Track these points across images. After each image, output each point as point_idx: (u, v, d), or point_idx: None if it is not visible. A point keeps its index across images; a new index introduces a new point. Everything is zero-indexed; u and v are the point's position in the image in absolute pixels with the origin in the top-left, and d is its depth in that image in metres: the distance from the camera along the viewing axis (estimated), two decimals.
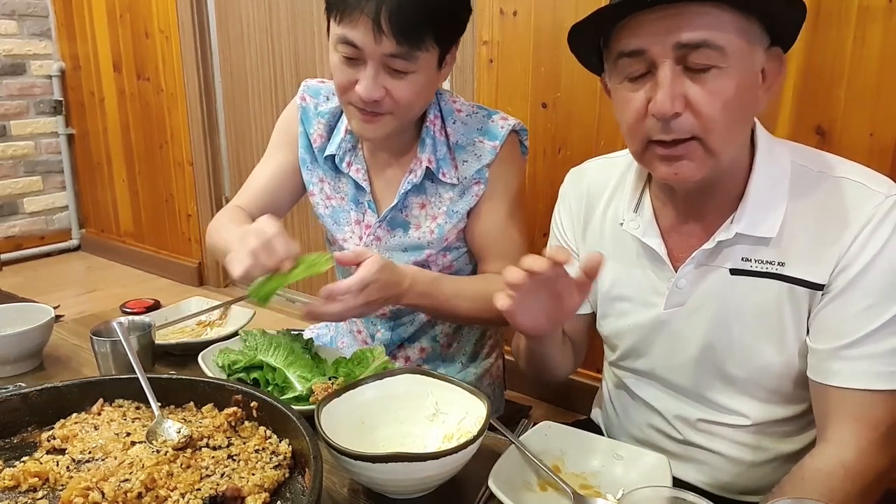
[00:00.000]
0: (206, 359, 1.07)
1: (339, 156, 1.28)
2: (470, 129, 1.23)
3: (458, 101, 1.28)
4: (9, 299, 2.89)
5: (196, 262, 3.47)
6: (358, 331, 1.40)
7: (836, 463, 0.81)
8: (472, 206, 1.24)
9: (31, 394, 0.89)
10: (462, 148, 1.23)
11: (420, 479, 0.77)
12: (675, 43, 0.78)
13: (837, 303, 0.83)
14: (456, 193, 1.24)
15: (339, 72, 1.11)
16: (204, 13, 3.12)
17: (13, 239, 3.78)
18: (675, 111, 0.79)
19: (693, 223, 0.92)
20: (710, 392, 0.95)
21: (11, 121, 3.70)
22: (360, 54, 1.06)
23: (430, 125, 1.23)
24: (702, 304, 0.92)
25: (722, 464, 0.97)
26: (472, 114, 1.25)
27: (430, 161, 1.21)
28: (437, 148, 1.22)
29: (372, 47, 1.04)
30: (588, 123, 2.03)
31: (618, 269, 1.00)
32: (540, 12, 2.04)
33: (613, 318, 1.03)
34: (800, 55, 1.62)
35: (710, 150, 0.81)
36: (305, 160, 1.33)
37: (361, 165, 1.28)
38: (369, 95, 1.07)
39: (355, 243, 1.31)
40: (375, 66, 1.06)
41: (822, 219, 0.84)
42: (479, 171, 1.22)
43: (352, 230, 1.31)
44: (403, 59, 1.06)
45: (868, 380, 0.81)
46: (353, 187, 1.30)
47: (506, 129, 1.22)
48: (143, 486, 0.73)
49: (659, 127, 0.81)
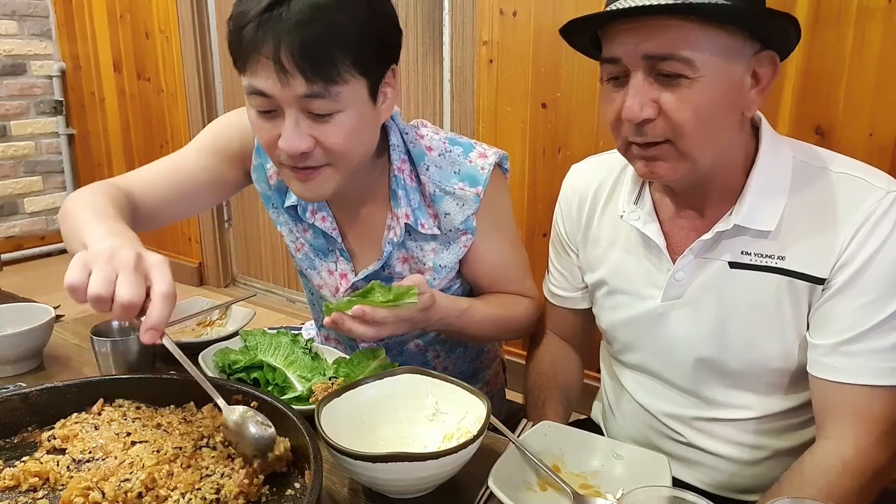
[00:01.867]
0: (206, 359, 1.07)
1: (302, 205, 1.14)
2: (446, 174, 1.10)
3: (426, 133, 1.13)
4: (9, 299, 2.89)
5: (196, 262, 3.48)
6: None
7: (835, 459, 0.82)
8: (461, 256, 1.14)
9: (32, 394, 0.89)
10: (440, 198, 1.10)
11: (420, 479, 0.77)
12: (643, 54, 0.80)
13: (838, 298, 0.83)
14: (439, 244, 1.13)
15: (259, 129, 0.97)
16: (204, 13, 3.12)
17: (13, 239, 3.79)
18: (644, 117, 0.81)
19: (693, 215, 0.93)
20: (708, 387, 0.95)
21: (12, 121, 3.70)
22: (273, 103, 0.92)
23: (399, 173, 1.09)
24: (700, 297, 0.92)
25: (720, 463, 0.97)
26: (445, 152, 1.11)
27: (407, 216, 1.10)
28: (410, 198, 1.10)
29: (282, 92, 0.89)
30: (588, 123, 2.03)
31: (616, 261, 1.01)
32: (540, 12, 2.04)
33: (611, 311, 1.04)
34: (800, 55, 1.62)
35: (683, 153, 0.83)
36: (269, 198, 1.19)
37: (327, 213, 1.14)
38: (294, 148, 0.92)
39: (331, 293, 1.22)
40: (294, 114, 0.92)
41: (822, 214, 0.85)
42: (464, 221, 1.11)
43: (324, 280, 1.22)
44: (322, 98, 0.90)
45: (868, 376, 0.82)
46: (320, 236, 1.18)
47: (487, 171, 1.09)
48: (143, 486, 0.73)
49: (633, 130, 0.83)
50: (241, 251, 3.44)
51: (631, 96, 0.81)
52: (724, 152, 0.87)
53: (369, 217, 1.15)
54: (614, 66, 0.83)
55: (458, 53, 2.25)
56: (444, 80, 2.32)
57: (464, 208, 1.10)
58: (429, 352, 1.28)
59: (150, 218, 1.12)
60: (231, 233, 3.45)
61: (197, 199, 1.19)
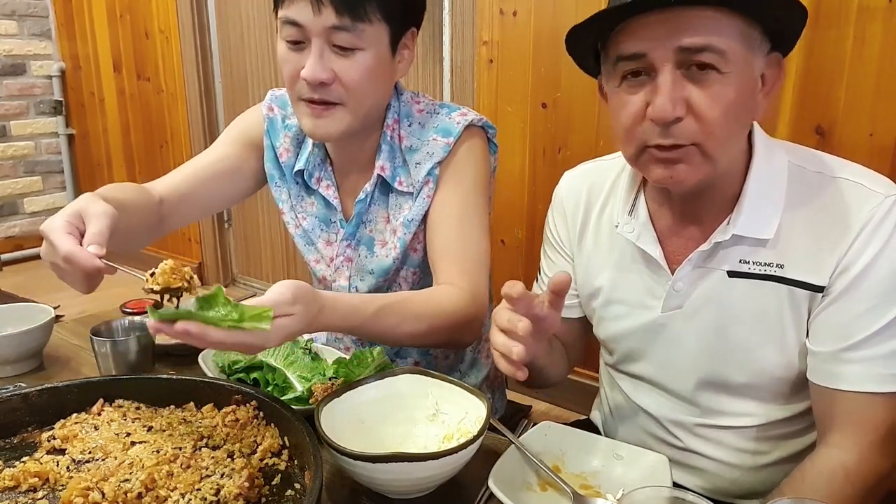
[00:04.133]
0: (206, 359, 1.07)
1: (308, 171, 1.21)
2: (426, 130, 1.15)
3: (423, 101, 1.19)
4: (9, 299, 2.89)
5: (196, 262, 3.48)
6: (346, 348, 1.36)
7: (836, 466, 0.81)
8: (426, 208, 1.13)
9: (31, 394, 0.89)
10: (415, 151, 1.14)
11: (420, 479, 0.77)
12: (677, 47, 0.77)
13: (837, 305, 0.83)
14: (413, 201, 1.15)
15: (286, 62, 1.05)
16: (204, 13, 3.12)
17: (13, 239, 3.79)
18: (676, 115, 0.78)
19: (690, 225, 0.92)
20: (709, 396, 0.94)
21: (11, 121, 3.70)
22: (303, 34, 1.02)
23: (388, 130, 1.15)
24: (700, 307, 0.91)
25: (721, 469, 0.97)
26: (433, 112, 1.16)
27: (382, 169, 1.14)
28: (394, 155, 1.15)
29: (313, 21, 1.00)
30: (588, 123, 2.03)
31: (613, 272, 1.00)
32: (540, 12, 2.04)
33: (609, 322, 1.02)
34: (800, 55, 1.62)
35: (708, 155, 0.81)
36: (274, 176, 1.25)
37: (331, 182, 1.21)
38: (315, 76, 1.01)
39: (326, 265, 1.24)
40: (319, 45, 1.01)
41: (820, 220, 0.84)
42: (430, 171, 1.12)
43: (321, 253, 1.25)
44: (347, 32, 1.00)
45: (869, 383, 0.81)
46: (322, 206, 1.23)
47: (461, 125, 1.12)
48: (143, 486, 0.73)
49: (657, 131, 0.80)
50: (241, 251, 3.44)
51: (662, 94, 0.78)
52: (733, 157, 0.86)
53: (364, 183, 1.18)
54: (636, 62, 0.80)
55: (458, 53, 2.25)
56: (444, 80, 2.31)
57: (432, 156, 1.12)
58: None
59: (175, 211, 1.17)
60: (231, 233, 3.45)
61: (219, 188, 1.23)
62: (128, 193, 1.05)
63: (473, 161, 1.14)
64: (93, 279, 0.82)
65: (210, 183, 1.21)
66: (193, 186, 1.19)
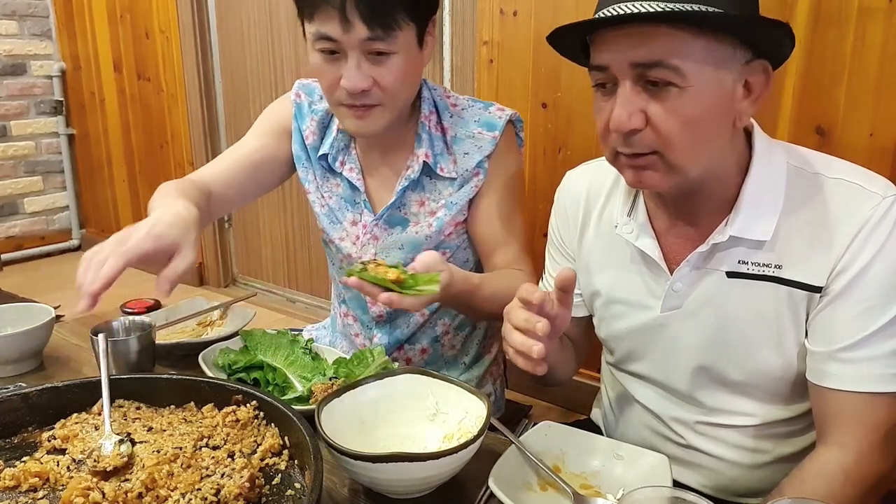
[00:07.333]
0: (206, 359, 1.07)
1: (332, 155, 1.27)
2: (467, 122, 1.24)
3: (453, 95, 1.28)
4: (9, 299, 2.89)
5: (196, 262, 3.48)
6: (356, 334, 1.39)
7: (836, 466, 0.81)
8: (471, 196, 1.23)
9: (32, 394, 0.89)
10: (461, 141, 1.23)
11: (420, 479, 0.77)
12: (631, 62, 0.78)
13: (836, 305, 0.83)
14: (455, 187, 1.23)
15: (322, 72, 1.11)
16: (204, 13, 3.12)
17: (14, 239, 3.79)
18: (632, 127, 0.79)
19: (687, 226, 0.92)
20: (709, 395, 0.95)
21: (12, 121, 3.70)
22: (338, 46, 1.06)
23: (426, 121, 1.22)
24: (699, 308, 0.91)
25: (722, 466, 0.97)
26: (469, 107, 1.26)
27: (427, 156, 1.21)
28: (433, 143, 1.22)
29: (346, 36, 1.04)
30: (588, 123, 2.03)
31: (613, 272, 1.00)
32: (540, 12, 2.04)
33: (609, 321, 1.03)
34: (800, 55, 1.62)
35: (671, 165, 0.82)
36: (301, 157, 1.31)
37: (355, 165, 1.27)
38: (355, 86, 1.07)
39: (351, 242, 1.30)
40: (356, 56, 1.06)
41: (818, 221, 0.84)
42: (479, 162, 1.21)
43: (347, 231, 1.30)
44: (381, 41, 1.05)
45: (868, 382, 0.81)
46: (347, 187, 1.29)
47: (503, 120, 1.22)
48: (143, 486, 0.73)
49: (621, 140, 0.82)
50: (241, 251, 3.44)
51: (619, 105, 0.80)
52: (717, 162, 0.85)
53: (392, 167, 1.26)
54: (602, 73, 0.82)
55: (458, 53, 2.25)
56: (444, 80, 2.31)
57: (481, 149, 1.22)
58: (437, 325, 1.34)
59: (223, 200, 1.24)
60: (231, 233, 3.45)
61: (257, 178, 1.30)
62: (201, 202, 1.10)
63: (514, 154, 1.26)
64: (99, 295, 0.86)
65: (250, 172, 1.28)
66: (236, 177, 1.26)
